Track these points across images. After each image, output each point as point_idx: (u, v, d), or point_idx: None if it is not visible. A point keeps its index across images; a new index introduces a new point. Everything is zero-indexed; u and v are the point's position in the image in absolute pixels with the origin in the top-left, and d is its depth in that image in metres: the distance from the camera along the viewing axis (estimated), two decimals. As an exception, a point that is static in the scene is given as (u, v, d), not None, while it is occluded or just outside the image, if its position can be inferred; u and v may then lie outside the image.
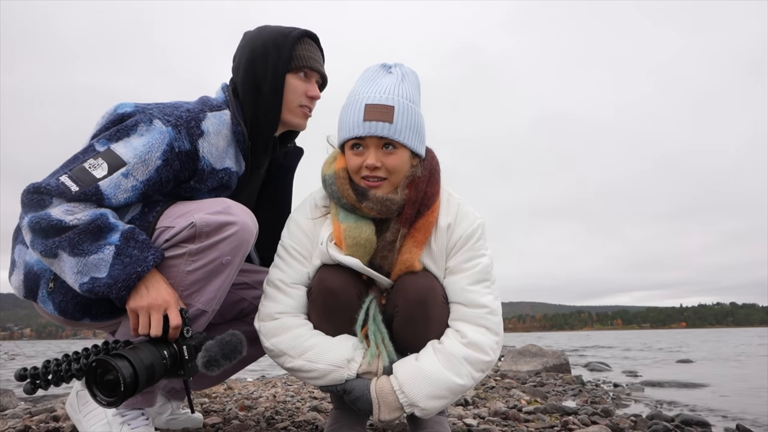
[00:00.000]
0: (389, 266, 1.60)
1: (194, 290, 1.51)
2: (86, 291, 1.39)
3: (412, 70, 1.64)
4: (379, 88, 1.56)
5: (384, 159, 1.54)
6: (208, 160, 1.61)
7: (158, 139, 1.50)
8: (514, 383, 4.46)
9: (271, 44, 1.71)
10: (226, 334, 1.41)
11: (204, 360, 1.37)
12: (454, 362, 1.51)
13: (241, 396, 3.31)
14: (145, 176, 1.49)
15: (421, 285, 1.56)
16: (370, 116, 1.52)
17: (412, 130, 1.56)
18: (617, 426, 2.38)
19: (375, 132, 1.51)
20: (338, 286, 1.56)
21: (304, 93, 1.76)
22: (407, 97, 1.57)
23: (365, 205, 1.56)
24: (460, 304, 1.58)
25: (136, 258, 1.40)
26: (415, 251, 1.58)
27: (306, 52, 1.75)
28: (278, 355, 1.59)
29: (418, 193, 1.58)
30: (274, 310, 1.61)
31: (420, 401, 1.50)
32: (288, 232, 1.69)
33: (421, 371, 1.51)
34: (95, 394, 1.27)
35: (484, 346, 1.53)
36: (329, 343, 1.56)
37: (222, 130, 1.65)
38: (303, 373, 1.56)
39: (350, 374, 1.53)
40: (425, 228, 1.58)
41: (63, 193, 1.39)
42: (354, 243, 1.56)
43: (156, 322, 1.40)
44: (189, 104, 1.64)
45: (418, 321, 1.56)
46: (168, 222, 1.50)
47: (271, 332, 1.60)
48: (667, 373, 7.13)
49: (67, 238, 1.37)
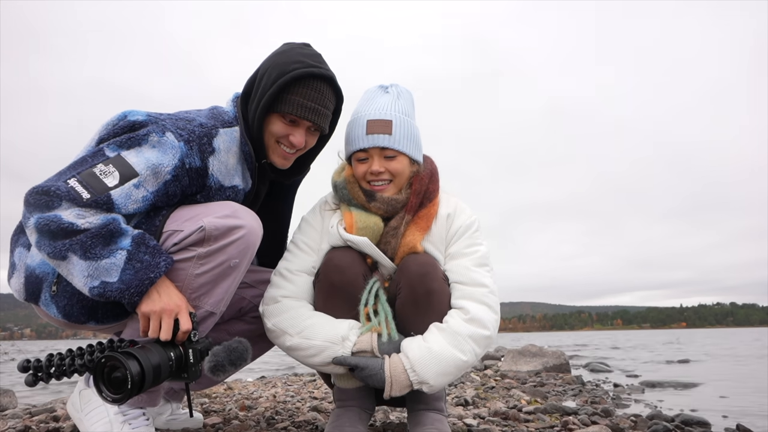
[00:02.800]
0: (392, 251, 1.73)
1: (202, 293, 1.52)
2: (97, 295, 1.39)
3: (406, 89, 1.84)
4: (378, 106, 1.76)
5: (387, 165, 1.74)
6: (217, 178, 1.62)
7: (170, 153, 1.50)
8: (514, 383, 4.46)
9: (270, 76, 1.64)
10: (233, 341, 1.43)
11: (211, 365, 1.40)
12: (459, 340, 1.62)
13: (241, 396, 3.31)
14: (155, 188, 1.49)
15: (423, 261, 1.70)
16: (371, 130, 1.73)
17: (408, 139, 1.76)
18: (617, 426, 2.38)
19: (377, 143, 1.72)
20: (345, 263, 1.68)
21: (286, 136, 1.68)
22: (403, 112, 1.77)
23: (373, 205, 1.75)
24: (463, 284, 1.70)
25: (148, 263, 1.40)
26: (418, 235, 1.73)
27: (301, 97, 1.63)
28: (278, 335, 1.69)
29: (422, 186, 1.79)
30: (278, 293, 1.73)
31: (430, 379, 1.60)
32: (299, 229, 1.86)
33: (431, 351, 1.60)
34: (102, 390, 1.28)
35: (486, 322, 1.65)
36: (326, 321, 1.67)
37: (232, 147, 1.65)
38: (301, 351, 1.66)
39: (344, 351, 1.62)
40: (427, 217, 1.76)
41: (74, 199, 1.39)
42: (364, 226, 1.72)
43: (167, 327, 1.41)
44: (201, 117, 1.63)
45: (420, 295, 1.65)
46: (176, 225, 1.50)
47: (272, 313, 1.71)
48: (667, 373, 7.13)
49: (78, 241, 1.37)
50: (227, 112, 1.71)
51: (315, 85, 1.65)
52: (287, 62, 1.64)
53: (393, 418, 2.44)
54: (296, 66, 1.63)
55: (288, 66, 1.63)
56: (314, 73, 1.64)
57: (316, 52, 1.72)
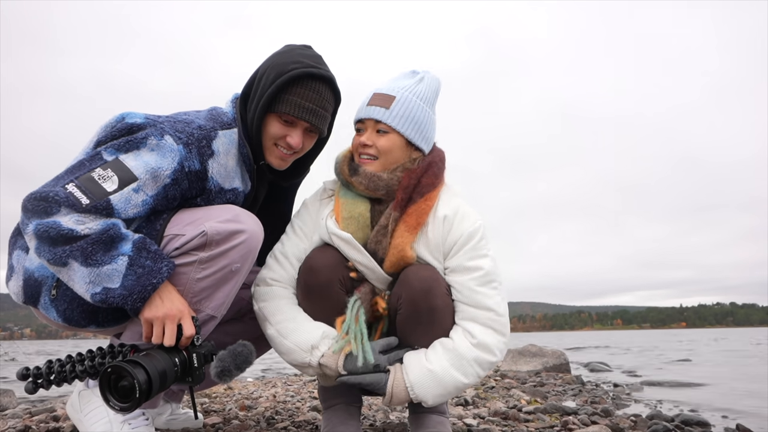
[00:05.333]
0: (383, 252, 1.66)
1: (204, 297, 1.52)
2: (99, 301, 1.39)
3: (435, 77, 1.77)
4: (393, 83, 1.72)
5: (376, 140, 1.67)
6: (217, 180, 1.61)
7: (169, 157, 1.49)
8: (514, 383, 4.46)
9: (268, 76, 1.63)
10: (237, 345, 1.44)
11: (218, 370, 1.40)
12: (464, 363, 1.58)
13: (241, 396, 3.32)
14: (154, 192, 1.48)
15: (425, 275, 1.61)
16: (372, 102, 1.69)
17: (409, 120, 1.67)
18: (617, 426, 2.38)
19: (370, 115, 1.67)
20: (320, 266, 1.64)
21: (283, 137, 1.66)
22: (417, 95, 1.69)
23: (355, 179, 1.68)
24: (467, 305, 1.63)
25: (150, 269, 1.40)
26: (407, 236, 1.64)
27: (298, 97, 1.61)
28: (262, 319, 1.70)
29: (411, 180, 1.67)
30: (268, 276, 1.73)
31: (429, 399, 1.59)
32: (297, 213, 1.84)
33: (432, 373, 1.57)
34: (109, 399, 1.28)
35: (492, 347, 1.59)
36: (303, 324, 1.64)
37: (231, 149, 1.65)
38: (273, 343, 1.67)
39: (312, 360, 1.58)
40: (417, 214, 1.65)
41: (73, 205, 1.37)
42: (349, 215, 1.67)
43: (170, 332, 1.41)
44: (200, 119, 1.62)
45: (423, 311, 1.60)
46: (177, 230, 1.50)
47: (260, 297, 1.71)
48: (667, 372, 7.13)
49: (79, 247, 1.36)
50: (226, 113, 1.70)
51: (313, 85, 1.63)
52: (286, 62, 1.63)
53: (393, 418, 2.44)
54: (295, 66, 1.61)
55: (287, 66, 1.62)
56: (313, 74, 1.62)
57: (316, 53, 1.71)
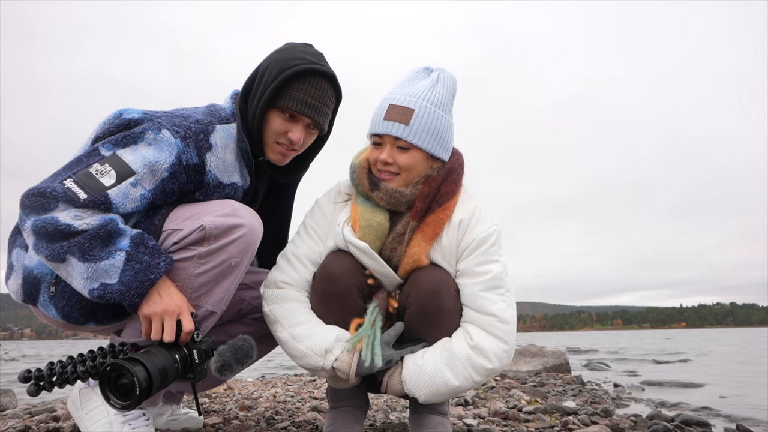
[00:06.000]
0: (398, 259, 1.65)
1: (203, 292, 1.52)
2: (96, 297, 1.39)
3: (451, 76, 1.69)
4: (408, 91, 1.63)
5: (397, 157, 1.62)
6: (215, 174, 1.61)
7: (167, 151, 1.49)
8: (514, 383, 4.46)
9: (271, 72, 1.63)
10: (237, 339, 1.43)
11: (218, 365, 1.40)
12: (457, 363, 1.56)
13: (241, 396, 3.31)
14: (152, 186, 1.48)
15: (435, 277, 1.61)
16: (389, 116, 1.61)
17: (429, 134, 1.61)
18: (617, 426, 2.38)
19: (390, 131, 1.60)
20: (339, 274, 1.62)
21: (284, 132, 1.66)
22: (434, 102, 1.62)
23: (376, 194, 1.65)
24: (471, 309, 1.61)
25: (147, 264, 1.40)
26: (424, 245, 1.62)
27: (301, 93, 1.63)
28: (273, 322, 1.67)
29: (431, 189, 1.64)
30: (279, 278, 1.70)
31: (420, 396, 1.59)
32: (310, 213, 1.79)
33: (421, 371, 1.57)
34: (109, 397, 1.27)
35: (489, 353, 1.56)
36: (316, 328, 1.62)
37: (229, 144, 1.65)
38: (285, 347, 1.64)
39: (325, 364, 1.57)
40: (435, 224, 1.62)
41: (71, 200, 1.37)
42: (367, 224, 1.63)
43: (169, 328, 1.40)
44: (198, 114, 1.62)
45: (431, 312, 1.60)
46: (175, 224, 1.50)
47: (271, 299, 1.68)
48: (667, 373, 7.13)
49: (76, 243, 1.35)
50: (224, 109, 1.70)
51: (315, 81, 1.65)
52: (289, 59, 1.64)
53: (393, 418, 2.44)
54: (298, 62, 1.63)
55: (289, 62, 1.63)
56: (315, 70, 1.64)
57: (318, 51, 1.72)
